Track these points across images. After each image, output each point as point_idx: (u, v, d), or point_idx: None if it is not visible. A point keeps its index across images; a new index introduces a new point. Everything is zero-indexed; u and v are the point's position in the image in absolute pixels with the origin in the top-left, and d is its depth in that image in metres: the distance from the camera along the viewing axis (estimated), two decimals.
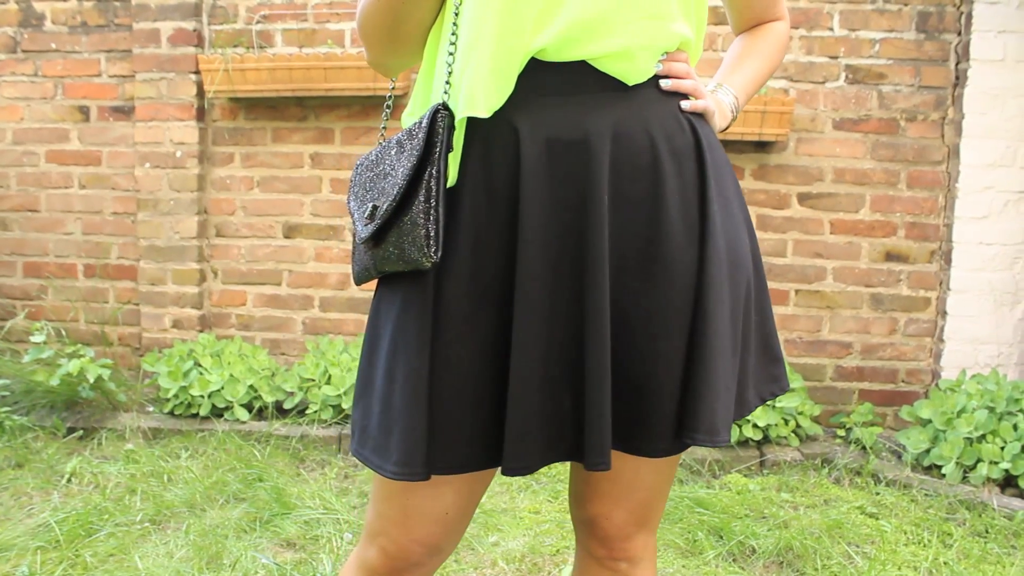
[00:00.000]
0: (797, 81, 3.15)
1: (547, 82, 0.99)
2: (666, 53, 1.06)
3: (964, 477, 2.72)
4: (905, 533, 2.45)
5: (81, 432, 3.02)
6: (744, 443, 2.95)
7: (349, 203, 1.09)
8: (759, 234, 3.21)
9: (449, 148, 0.97)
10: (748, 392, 1.11)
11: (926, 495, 2.68)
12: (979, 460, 2.70)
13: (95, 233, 3.49)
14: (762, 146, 3.15)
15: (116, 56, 3.39)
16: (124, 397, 3.16)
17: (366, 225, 1.02)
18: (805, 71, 3.15)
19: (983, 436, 2.73)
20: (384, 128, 1.18)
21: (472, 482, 1.08)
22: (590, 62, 1.00)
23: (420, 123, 0.98)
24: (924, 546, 2.37)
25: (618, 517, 1.14)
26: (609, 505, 1.13)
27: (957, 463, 2.73)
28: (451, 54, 0.99)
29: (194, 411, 3.08)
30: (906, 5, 3.10)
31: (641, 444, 1.04)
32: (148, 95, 3.32)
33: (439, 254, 0.96)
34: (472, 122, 0.99)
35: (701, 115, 1.09)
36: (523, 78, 0.98)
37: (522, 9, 0.96)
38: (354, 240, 1.08)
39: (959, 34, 3.09)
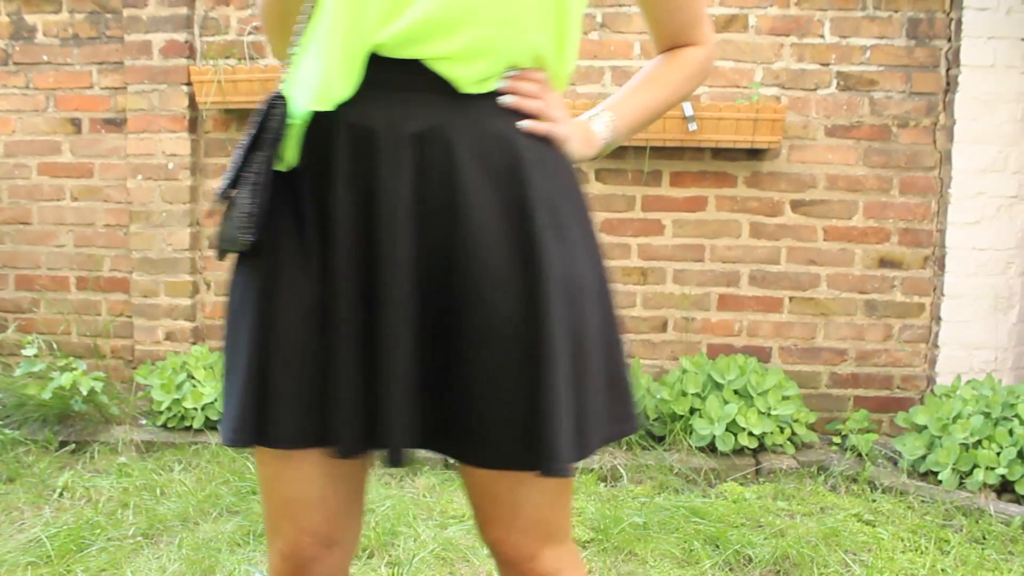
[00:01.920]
0: (789, 88, 3.16)
1: (380, 77, 0.99)
2: (518, 68, 1.03)
3: (960, 483, 2.72)
4: (902, 540, 2.44)
5: (73, 446, 3.00)
6: (739, 451, 2.94)
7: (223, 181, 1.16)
8: (753, 241, 3.21)
9: (280, 135, 1.01)
10: (588, 430, 1.04)
11: (922, 501, 2.67)
12: (975, 466, 2.69)
13: (87, 245, 3.48)
14: (754, 153, 3.16)
15: (108, 68, 3.39)
16: (117, 410, 3.15)
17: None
18: (796, 78, 3.15)
19: (979, 442, 2.73)
20: None
21: (342, 464, 1.07)
22: (424, 62, 0.99)
23: (260, 108, 1.03)
24: (921, 553, 2.36)
25: (514, 539, 1.09)
26: (502, 529, 1.10)
27: (953, 469, 2.72)
28: (296, 46, 1.06)
29: (187, 424, 3.06)
30: (896, 12, 3.11)
31: (474, 455, 1.03)
32: (140, 107, 3.32)
33: (252, 236, 1.00)
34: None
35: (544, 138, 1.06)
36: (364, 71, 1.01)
37: (367, 5, 0.97)
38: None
39: (949, 40, 3.10)
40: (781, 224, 3.21)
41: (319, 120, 1.01)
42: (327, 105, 0.99)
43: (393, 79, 1.00)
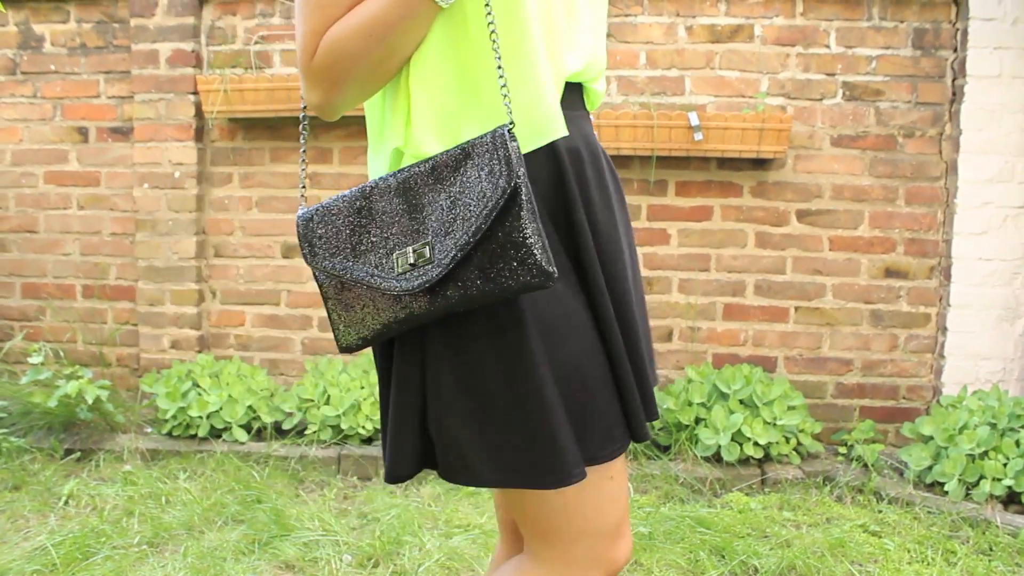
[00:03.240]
0: (794, 98, 3.16)
1: (567, 99, 1.08)
2: None
3: (967, 494, 2.71)
4: (908, 551, 2.43)
5: (79, 454, 3.00)
6: (745, 461, 2.94)
7: (324, 263, 1.02)
8: (759, 251, 3.21)
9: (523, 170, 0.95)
10: None
11: (929, 512, 2.66)
12: (982, 477, 2.68)
13: (93, 254, 3.49)
14: (760, 163, 3.16)
15: (115, 77, 3.40)
16: (122, 418, 3.15)
17: (410, 272, 0.96)
18: (802, 88, 3.16)
19: (985, 453, 2.72)
20: (304, 152, 1.11)
21: None
22: (585, 84, 1.13)
23: (472, 148, 0.95)
24: (928, 564, 2.35)
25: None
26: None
27: (959, 480, 2.71)
28: (503, 80, 0.97)
29: (192, 432, 3.06)
30: (902, 22, 3.12)
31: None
32: (147, 116, 3.33)
33: (555, 271, 0.94)
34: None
35: None
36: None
37: (558, 39, 1.05)
38: (339, 302, 1.03)
39: (955, 51, 3.10)
40: (787, 234, 3.20)
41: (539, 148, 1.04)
42: (564, 131, 1.03)
43: (571, 101, 1.10)
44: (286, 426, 3.08)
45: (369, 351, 3.06)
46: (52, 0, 3.38)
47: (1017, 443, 2.70)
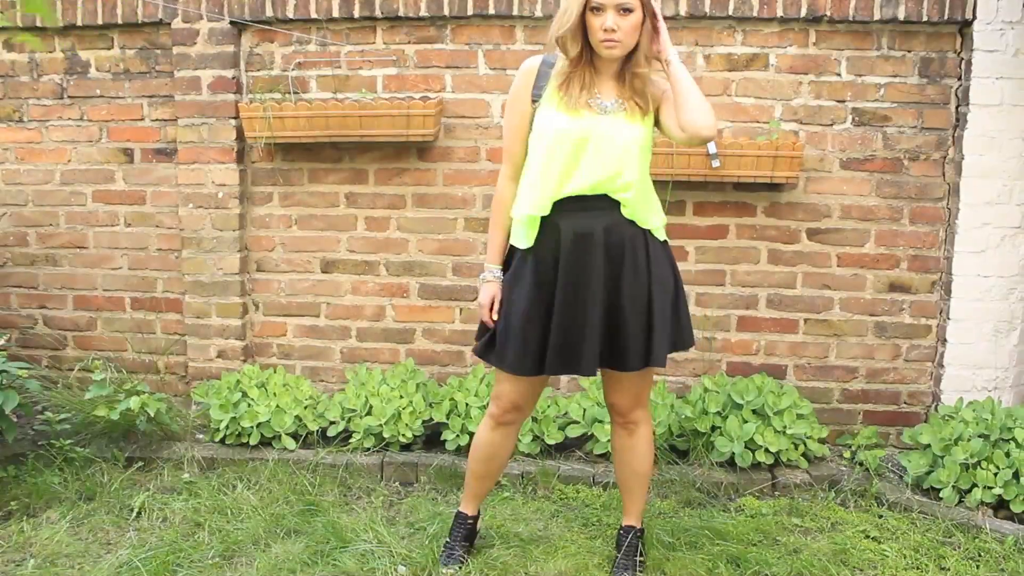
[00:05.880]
0: (806, 124, 3.33)
1: (573, 204, 2.27)
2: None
3: (960, 500, 2.96)
4: (905, 557, 2.68)
5: (140, 463, 3.24)
6: (756, 466, 3.17)
7: None
8: (771, 267, 3.43)
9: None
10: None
11: (925, 517, 2.91)
12: (974, 485, 2.93)
13: (141, 268, 3.69)
14: (773, 186, 3.34)
15: (158, 101, 3.56)
16: (178, 427, 3.38)
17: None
18: (814, 114, 3.33)
19: (978, 463, 2.96)
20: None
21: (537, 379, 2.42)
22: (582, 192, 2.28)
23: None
24: (922, 571, 2.60)
25: (623, 400, 2.46)
26: (618, 395, 2.46)
27: (954, 487, 2.96)
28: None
29: (244, 440, 3.29)
30: (909, 52, 3.28)
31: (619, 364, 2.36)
32: (190, 139, 3.50)
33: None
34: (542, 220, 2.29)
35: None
36: (562, 202, 2.27)
37: (554, 177, 2.26)
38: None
39: (959, 79, 3.27)
40: (797, 251, 3.41)
41: (544, 225, 2.34)
42: (540, 212, 2.35)
43: (581, 202, 2.32)
44: (330, 433, 3.31)
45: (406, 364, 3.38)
46: (97, 28, 3.53)
47: (1007, 454, 2.94)
